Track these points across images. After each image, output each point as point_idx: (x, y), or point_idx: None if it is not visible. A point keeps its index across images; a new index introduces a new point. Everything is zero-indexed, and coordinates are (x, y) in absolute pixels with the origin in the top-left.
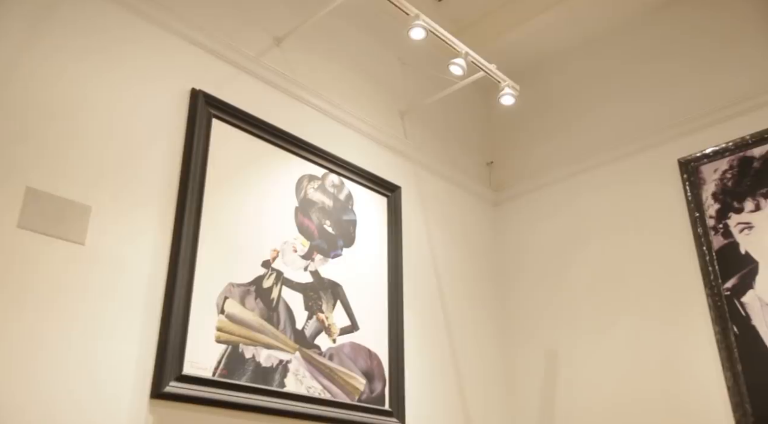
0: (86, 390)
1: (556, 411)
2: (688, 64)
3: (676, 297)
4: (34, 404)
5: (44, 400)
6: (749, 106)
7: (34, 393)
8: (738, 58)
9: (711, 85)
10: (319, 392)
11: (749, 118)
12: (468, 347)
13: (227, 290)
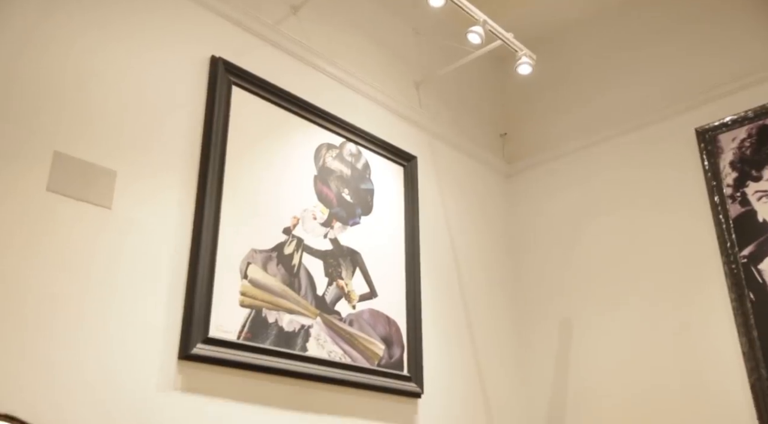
0: (116, 351)
1: (570, 380)
2: (706, 34)
3: (691, 266)
4: (64, 365)
5: (75, 361)
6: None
7: (64, 354)
8: (757, 27)
9: (729, 55)
10: (339, 357)
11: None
12: (482, 316)
13: (250, 256)
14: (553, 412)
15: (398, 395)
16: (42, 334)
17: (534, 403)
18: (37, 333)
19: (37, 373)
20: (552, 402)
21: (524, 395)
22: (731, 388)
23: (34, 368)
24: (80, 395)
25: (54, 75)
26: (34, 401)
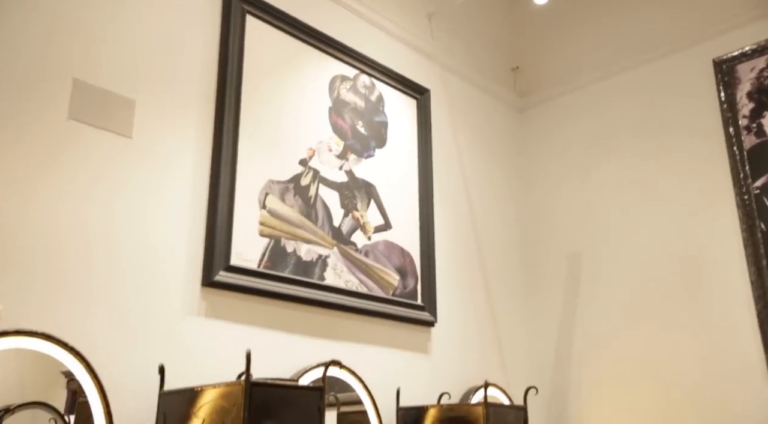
0: (142, 277)
1: (578, 312)
2: None
3: (703, 198)
4: (94, 289)
5: (104, 285)
6: None
7: (93, 279)
8: None
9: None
10: (356, 286)
11: None
12: (494, 249)
13: (267, 187)
14: (561, 342)
15: (412, 323)
16: (71, 260)
17: (543, 333)
18: (67, 259)
19: (71, 297)
20: (560, 333)
21: (534, 325)
22: (739, 316)
23: (66, 292)
24: (110, 317)
25: (71, 2)
26: (70, 323)
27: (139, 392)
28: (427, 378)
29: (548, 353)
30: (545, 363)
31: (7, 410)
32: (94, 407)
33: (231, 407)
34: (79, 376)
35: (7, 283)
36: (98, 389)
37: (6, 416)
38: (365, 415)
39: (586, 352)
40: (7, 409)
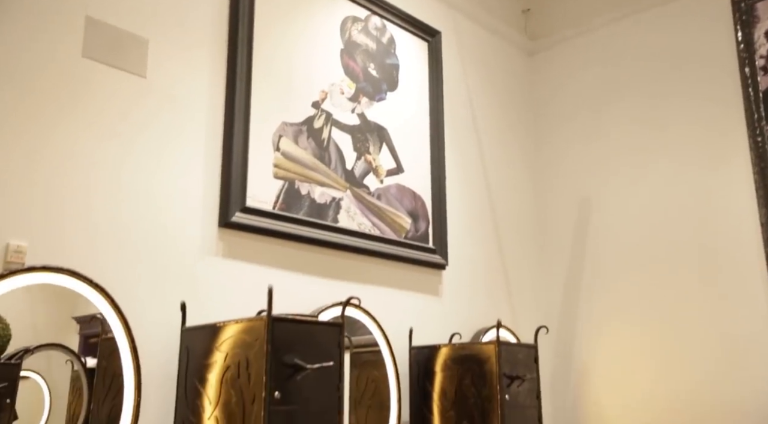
0: (161, 217)
1: (587, 256)
2: None
3: (716, 140)
4: (118, 227)
5: (124, 224)
6: None
7: (116, 218)
8: None
9: None
10: (369, 229)
11: None
12: (504, 193)
13: (281, 129)
14: (569, 285)
15: (424, 266)
16: (91, 200)
17: (552, 276)
18: (87, 199)
19: (92, 236)
20: (569, 276)
21: (543, 268)
22: (747, 257)
23: (87, 231)
24: (130, 257)
25: None
26: (92, 262)
27: (162, 329)
28: (438, 320)
29: (556, 295)
30: (553, 306)
31: (27, 350)
32: (120, 342)
33: (254, 342)
34: (104, 312)
35: (30, 221)
36: (123, 324)
37: (26, 356)
38: (378, 355)
39: (593, 294)
40: (27, 349)
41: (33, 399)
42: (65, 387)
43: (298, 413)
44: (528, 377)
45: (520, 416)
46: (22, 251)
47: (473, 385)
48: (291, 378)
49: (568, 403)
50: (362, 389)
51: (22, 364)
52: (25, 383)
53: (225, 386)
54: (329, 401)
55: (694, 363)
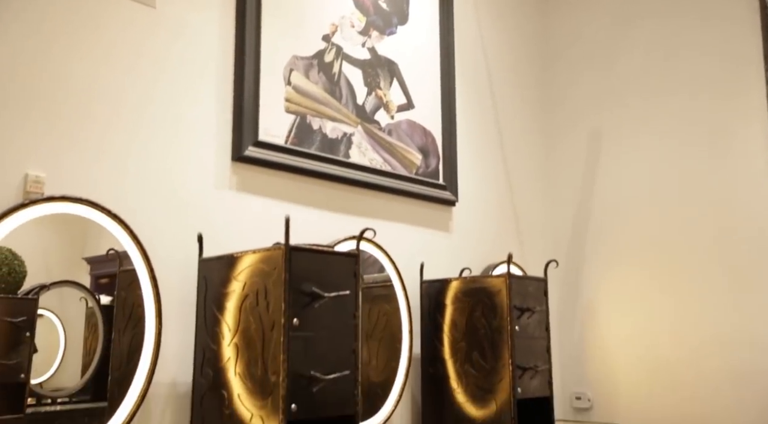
0: (175, 150)
1: (597, 190)
2: None
3: (732, 78)
4: (135, 160)
5: (141, 157)
6: None
7: (124, 151)
8: None
9: None
10: (380, 165)
11: None
12: (514, 127)
13: (292, 63)
14: (578, 221)
15: (434, 202)
16: (107, 130)
17: (561, 212)
18: (102, 129)
19: (108, 167)
20: (578, 212)
21: (552, 203)
22: (760, 191)
23: (103, 162)
24: (147, 189)
25: None
26: (108, 193)
27: (179, 260)
28: (448, 255)
29: (565, 231)
30: (562, 242)
31: (43, 286)
32: (140, 271)
33: (272, 271)
34: (123, 242)
35: (47, 152)
36: (142, 254)
37: (42, 292)
38: (389, 289)
39: (603, 229)
40: (42, 286)
41: (48, 336)
42: (80, 324)
43: (316, 340)
44: (538, 309)
45: (529, 346)
46: (40, 182)
47: (484, 317)
48: (308, 306)
49: (574, 336)
50: (374, 322)
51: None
52: (40, 321)
53: (244, 313)
54: (345, 329)
55: (702, 300)
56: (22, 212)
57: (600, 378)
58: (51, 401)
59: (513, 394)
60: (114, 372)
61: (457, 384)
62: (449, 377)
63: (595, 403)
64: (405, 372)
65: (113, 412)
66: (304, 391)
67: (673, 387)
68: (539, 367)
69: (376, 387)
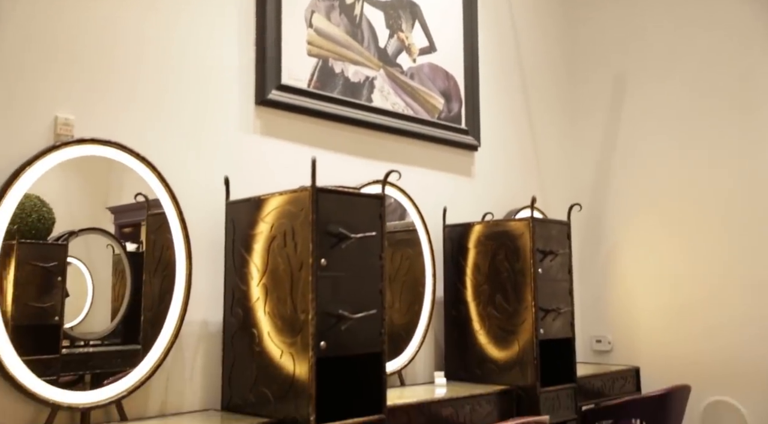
0: (200, 95)
1: (620, 133)
2: None
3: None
4: (152, 108)
5: (162, 102)
6: None
7: (150, 96)
8: None
9: None
10: (402, 109)
11: None
12: (537, 72)
13: (313, 4)
14: (601, 166)
15: (456, 147)
16: (133, 74)
17: (584, 156)
18: (130, 73)
19: (139, 110)
20: (601, 156)
21: (575, 148)
22: None
23: (131, 106)
24: (173, 133)
25: None
26: (136, 136)
27: (206, 203)
28: (470, 200)
29: (588, 176)
30: (585, 186)
31: (71, 233)
32: (169, 215)
33: (299, 212)
34: (151, 184)
35: (76, 95)
36: (171, 197)
37: (71, 238)
38: (412, 234)
39: (626, 174)
40: (71, 232)
41: (77, 283)
42: (107, 270)
43: (343, 279)
44: (561, 253)
45: (552, 289)
46: (70, 124)
47: (506, 260)
48: (335, 247)
49: (596, 280)
50: (397, 266)
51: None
52: (68, 268)
53: (272, 254)
54: (372, 270)
55: (723, 244)
56: (54, 154)
57: (620, 322)
58: (84, 343)
59: (536, 335)
60: (146, 312)
61: (479, 326)
62: (472, 319)
63: (615, 346)
64: (428, 314)
65: (148, 350)
66: (333, 329)
67: (693, 331)
68: (562, 309)
69: (399, 330)
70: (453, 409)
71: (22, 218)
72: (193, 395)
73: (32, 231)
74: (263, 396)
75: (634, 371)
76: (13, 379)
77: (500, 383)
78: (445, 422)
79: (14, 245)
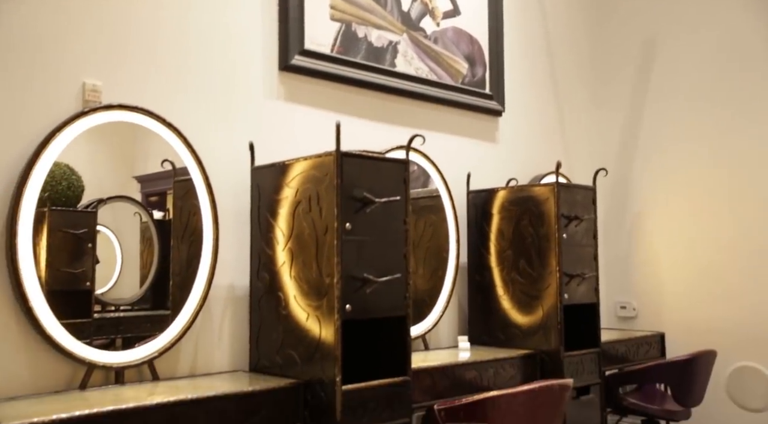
0: (225, 62)
1: (648, 99)
2: None
3: None
4: (188, 69)
5: (187, 70)
6: None
7: (174, 62)
8: None
9: None
10: (426, 74)
11: None
12: (563, 36)
13: None
14: (627, 131)
15: (480, 112)
16: (160, 40)
17: (609, 122)
18: (157, 39)
19: (165, 77)
20: (628, 122)
21: (600, 114)
22: None
23: (161, 72)
24: (197, 100)
25: None
26: (164, 101)
27: (231, 168)
28: (494, 166)
29: (614, 140)
30: (610, 152)
31: (100, 200)
32: (196, 180)
33: (323, 177)
34: (177, 150)
35: (103, 61)
36: (197, 162)
37: (99, 206)
38: (436, 200)
39: (653, 139)
40: (100, 200)
41: (106, 250)
42: (134, 238)
43: (368, 244)
44: (586, 218)
45: (576, 254)
46: (97, 90)
47: (531, 225)
48: (360, 211)
49: (621, 246)
50: (420, 232)
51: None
52: (97, 235)
53: (297, 219)
54: (396, 234)
55: (753, 210)
56: (82, 120)
57: (645, 288)
58: (114, 308)
59: (560, 300)
60: (175, 277)
61: (503, 291)
62: (495, 284)
63: (640, 312)
64: (452, 280)
65: (177, 313)
66: (358, 292)
67: (719, 296)
68: (586, 274)
69: (423, 295)
70: (477, 372)
71: (52, 185)
72: (222, 357)
73: (62, 199)
74: (290, 358)
75: (659, 337)
76: (51, 339)
77: (523, 347)
78: (468, 384)
79: (46, 213)
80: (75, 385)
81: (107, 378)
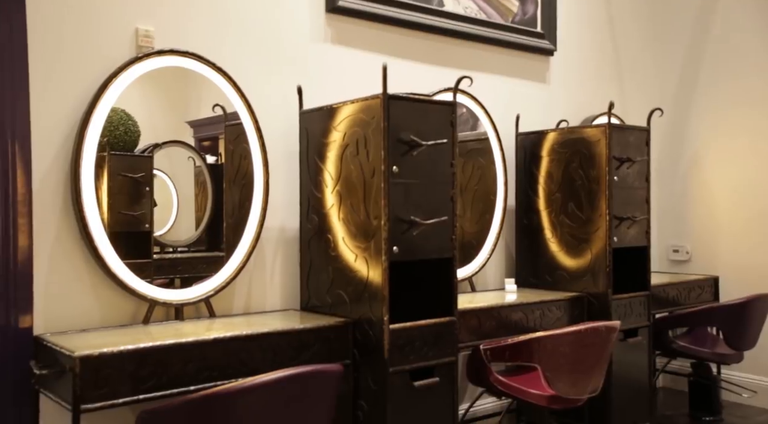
0: (271, 5)
1: (710, 34)
2: None
3: None
4: (235, 17)
5: (235, 14)
6: None
7: (222, 10)
8: None
9: None
10: (475, 12)
11: None
12: None
13: None
14: (686, 70)
15: (531, 52)
16: None
17: (667, 61)
18: None
19: (214, 22)
20: (687, 60)
21: (658, 52)
22: None
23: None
24: (245, 44)
25: None
26: (218, 47)
27: (280, 112)
28: (544, 107)
29: (671, 81)
30: (667, 92)
31: (156, 145)
32: (246, 124)
33: (370, 120)
34: (228, 94)
35: (154, 6)
36: (246, 106)
37: (156, 150)
38: (484, 143)
39: (713, 77)
40: (156, 145)
41: (162, 194)
42: (189, 182)
43: (415, 186)
44: (638, 160)
45: (627, 196)
46: (150, 36)
47: (581, 168)
48: (407, 154)
49: (676, 188)
50: (468, 176)
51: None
52: (154, 179)
53: (345, 162)
54: (443, 177)
55: None
56: (136, 65)
57: (700, 231)
58: (172, 249)
59: (609, 243)
60: (228, 220)
61: (551, 234)
62: (543, 227)
63: (693, 256)
64: (499, 223)
65: (231, 254)
66: (405, 234)
67: None
68: (637, 217)
69: (470, 238)
70: (523, 314)
71: (110, 130)
72: (274, 296)
73: (120, 143)
74: (339, 298)
75: (713, 281)
76: (116, 277)
77: (571, 290)
78: (514, 325)
79: (105, 157)
80: (138, 320)
81: (168, 314)
